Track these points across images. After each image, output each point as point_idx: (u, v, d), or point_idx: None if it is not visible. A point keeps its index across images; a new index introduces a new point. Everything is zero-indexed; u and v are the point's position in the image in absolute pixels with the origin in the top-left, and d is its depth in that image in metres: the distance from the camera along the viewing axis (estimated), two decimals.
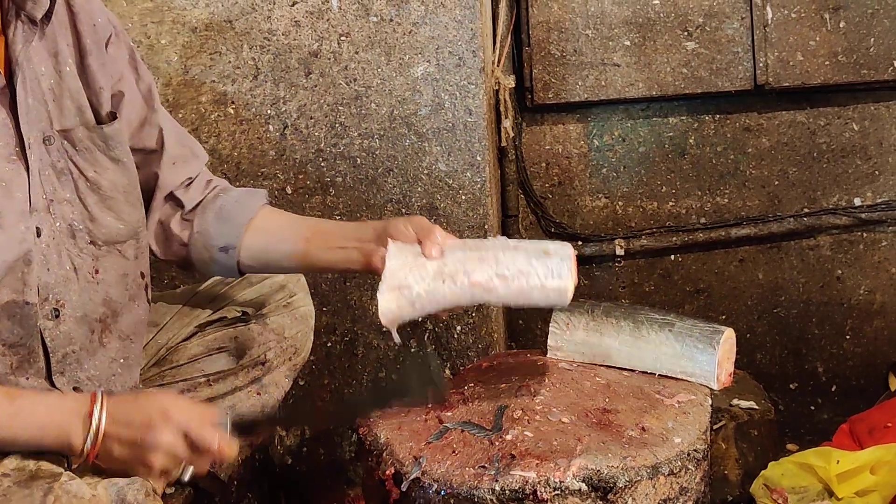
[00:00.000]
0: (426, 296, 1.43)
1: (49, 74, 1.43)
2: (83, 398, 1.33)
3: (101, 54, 1.51)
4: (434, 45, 2.30)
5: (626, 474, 1.35)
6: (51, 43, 1.44)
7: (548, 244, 1.51)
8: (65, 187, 1.44)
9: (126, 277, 1.53)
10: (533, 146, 2.74)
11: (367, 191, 2.36)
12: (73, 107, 1.46)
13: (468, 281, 1.44)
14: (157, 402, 1.34)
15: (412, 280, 1.43)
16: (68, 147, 1.44)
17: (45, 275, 1.40)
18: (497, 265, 1.45)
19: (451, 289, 1.44)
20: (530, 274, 1.46)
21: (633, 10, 2.59)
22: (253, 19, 2.30)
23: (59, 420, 1.30)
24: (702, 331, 1.65)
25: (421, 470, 1.37)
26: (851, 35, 2.56)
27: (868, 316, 2.75)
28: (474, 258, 1.46)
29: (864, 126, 2.68)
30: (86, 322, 1.47)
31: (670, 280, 2.77)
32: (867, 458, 2.05)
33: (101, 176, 1.48)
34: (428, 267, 1.45)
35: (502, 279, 1.45)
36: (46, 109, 1.42)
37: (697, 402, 1.57)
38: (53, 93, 1.44)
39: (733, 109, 2.70)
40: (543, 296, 1.46)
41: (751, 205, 2.72)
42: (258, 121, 2.34)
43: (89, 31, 1.50)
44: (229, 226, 1.63)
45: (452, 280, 1.44)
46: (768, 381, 2.69)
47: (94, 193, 1.47)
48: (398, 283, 1.43)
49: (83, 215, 1.46)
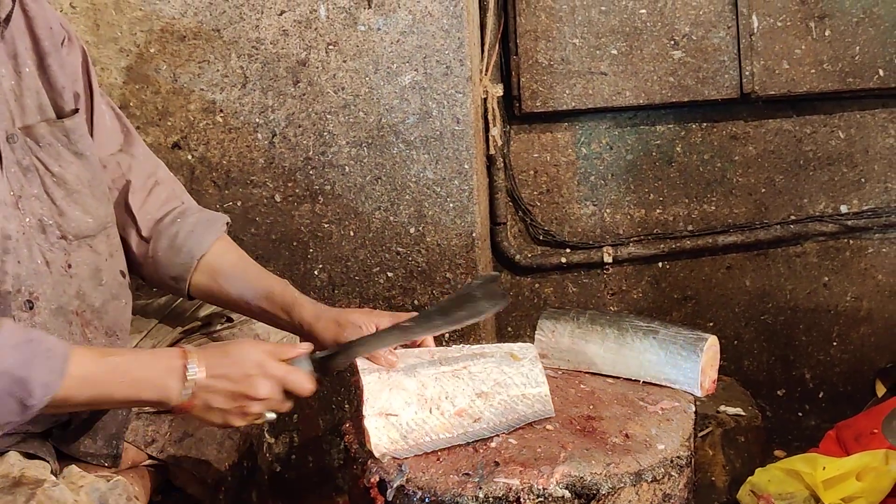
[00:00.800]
0: (417, 429, 1.44)
1: (9, 75, 1.45)
2: (174, 353, 1.36)
3: (58, 56, 1.54)
4: (421, 55, 2.32)
5: (609, 481, 1.36)
6: (10, 45, 1.47)
7: (511, 346, 1.58)
8: (31, 183, 1.45)
9: (100, 273, 1.53)
10: (521, 154, 2.75)
11: (356, 199, 2.37)
12: (34, 105, 1.48)
13: (453, 409, 1.47)
14: (251, 355, 1.38)
15: (396, 404, 1.44)
16: (31, 144, 1.46)
17: (16, 267, 1.40)
18: (472, 380, 1.50)
19: (440, 421, 1.46)
20: (508, 384, 1.52)
21: (620, 20, 2.60)
22: (241, 28, 2.31)
23: (154, 376, 1.33)
24: (685, 338, 1.65)
25: (405, 477, 1.37)
26: (837, 44, 2.58)
27: (855, 322, 2.77)
28: (448, 374, 1.50)
29: (850, 134, 2.69)
30: (62, 314, 1.47)
31: (658, 287, 2.78)
32: (853, 464, 2.06)
33: (66, 170, 1.50)
34: (406, 385, 1.46)
35: (483, 397, 1.49)
36: (8, 108, 1.44)
37: (681, 409, 1.57)
38: (14, 93, 1.46)
39: (720, 118, 2.71)
40: (528, 406, 1.51)
41: (738, 212, 2.74)
42: (247, 129, 2.35)
43: (46, 34, 1.52)
44: (181, 257, 1.65)
45: (438, 409, 1.46)
46: (756, 387, 2.71)
47: (61, 188, 1.48)
48: (382, 407, 1.43)
49: (52, 210, 1.47)
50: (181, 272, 1.66)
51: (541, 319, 1.78)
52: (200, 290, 1.68)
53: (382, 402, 1.43)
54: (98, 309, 1.53)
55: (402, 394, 1.45)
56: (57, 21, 1.57)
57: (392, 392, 1.44)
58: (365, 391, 1.43)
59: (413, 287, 2.40)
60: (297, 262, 2.40)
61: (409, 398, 1.45)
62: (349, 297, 2.40)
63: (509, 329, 2.82)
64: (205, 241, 1.67)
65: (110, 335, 1.55)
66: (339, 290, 2.40)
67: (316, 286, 2.39)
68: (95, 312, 1.52)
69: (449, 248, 2.38)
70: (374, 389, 1.44)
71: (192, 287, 1.67)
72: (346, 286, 2.40)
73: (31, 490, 1.25)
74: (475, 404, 1.48)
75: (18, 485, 1.27)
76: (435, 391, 1.47)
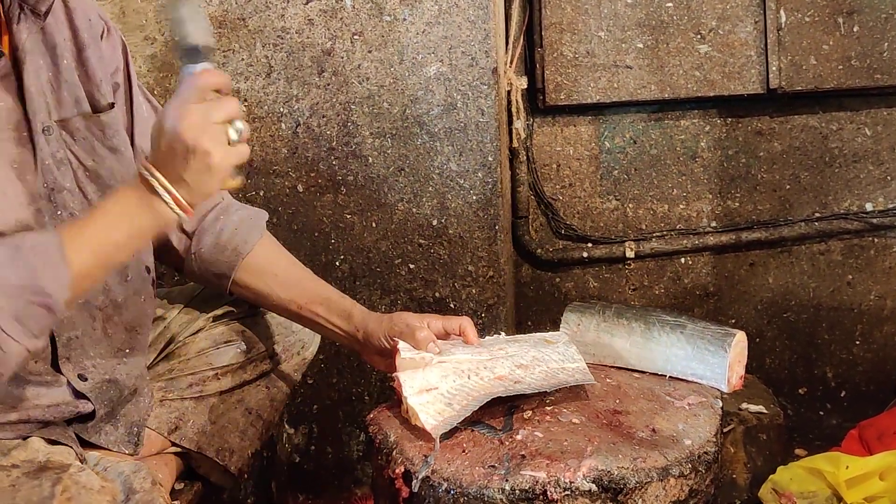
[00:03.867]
0: (459, 393, 1.45)
1: (47, 67, 1.46)
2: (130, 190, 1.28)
3: (97, 48, 1.54)
4: (447, 45, 2.30)
5: (636, 475, 1.35)
6: (49, 37, 1.47)
7: (543, 335, 1.61)
8: (65, 177, 1.45)
9: (126, 269, 1.54)
10: (544, 147, 2.73)
11: (379, 189, 2.36)
12: (71, 98, 1.48)
13: (492, 375, 1.49)
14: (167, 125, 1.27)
15: (433, 379, 1.46)
16: (66, 137, 1.46)
17: None
18: (510, 357, 1.53)
19: (478, 382, 1.47)
20: (547, 360, 1.54)
21: (647, 13, 2.58)
22: (266, 17, 2.31)
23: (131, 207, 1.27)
24: (713, 333, 1.64)
25: (430, 469, 1.37)
26: (865, 40, 2.56)
27: (878, 321, 2.74)
28: (484, 353, 1.52)
29: (877, 131, 2.67)
30: (86, 308, 1.48)
31: (680, 283, 2.77)
32: (876, 463, 2.04)
33: (100, 165, 1.50)
34: (444, 366, 1.49)
35: (523, 368, 1.51)
36: (45, 101, 1.44)
37: (708, 405, 1.56)
38: (51, 85, 1.46)
39: (745, 113, 2.69)
40: (569, 375, 1.52)
41: (762, 209, 2.72)
42: (270, 119, 2.34)
43: (85, 25, 1.52)
44: (226, 255, 1.67)
45: (477, 375, 1.48)
46: (777, 385, 2.69)
47: (93, 183, 1.48)
48: (420, 385, 1.45)
49: (83, 204, 1.47)
50: (225, 270, 1.68)
51: (566, 313, 1.77)
52: (244, 289, 1.70)
53: (419, 381, 1.45)
54: (119, 304, 1.53)
55: (438, 369, 1.48)
56: (96, 13, 1.57)
57: (427, 370, 1.47)
58: (400, 374, 1.46)
59: (435, 279, 2.39)
60: (318, 253, 2.39)
61: (444, 372, 1.47)
62: (370, 288, 2.40)
63: (529, 323, 2.81)
64: (250, 240, 1.69)
65: (129, 330, 1.56)
66: (360, 281, 2.40)
67: (337, 277, 2.39)
68: (117, 307, 1.53)
69: (471, 241, 2.37)
70: (409, 371, 1.46)
71: (235, 284, 1.69)
72: (368, 277, 2.40)
73: (58, 475, 1.25)
74: (516, 372, 1.50)
75: (44, 469, 1.27)
76: (472, 365, 1.50)
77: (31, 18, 1.44)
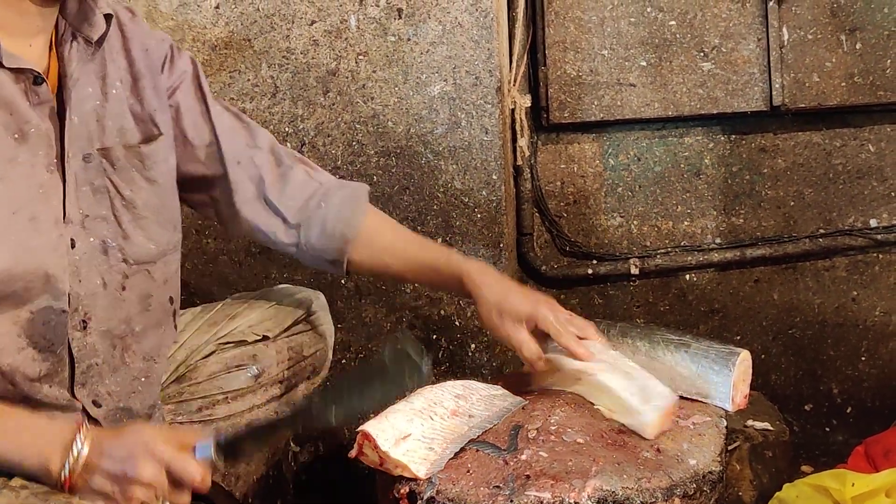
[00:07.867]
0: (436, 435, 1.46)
1: (95, 95, 1.47)
2: (68, 426, 1.30)
3: (153, 78, 1.55)
4: (451, 65, 2.32)
5: (640, 496, 1.35)
6: (99, 66, 1.49)
7: None
8: (101, 204, 1.46)
9: (149, 299, 1.54)
10: (548, 165, 2.74)
11: (384, 208, 2.35)
12: (115, 128, 1.49)
13: (447, 411, 1.51)
14: (141, 436, 1.29)
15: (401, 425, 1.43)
16: (107, 165, 1.47)
17: (76, 286, 1.42)
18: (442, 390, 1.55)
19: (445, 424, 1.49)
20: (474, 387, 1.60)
21: (650, 31, 2.60)
22: (272, 38, 2.32)
23: (41, 444, 1.28)
24: (718, 352, 1.64)
25: (435, 489, 1.37)
26: (868, 57, 2.56)
27: (884, 337, 2.74)
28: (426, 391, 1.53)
29: (881, 147, 2.67)
30: (108, 337, 1.49)
31: (685, 300, 2.77)
32: (883, 480, 2.04)
33: (136, 195, 1.51)
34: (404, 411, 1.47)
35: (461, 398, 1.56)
36: (87, 129, 1.45)
37: (713, 424, 1.56)
38: (97, 113, 1.47)
39: (749, 130, 2.70)
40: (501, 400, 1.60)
41: (766, 225, 2.72)
42: (276, 138, 2.35)
43: (141, 55, 1.54)
44: (335, 241, 1.69)
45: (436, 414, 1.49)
46: (783, 402, 2.68)
47: (129, 212, 1.50)
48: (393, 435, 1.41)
49: (117, 233, 1.48)
50: (337, 256, 1.70)
51: None
52: (360, 267, 1.74)
53: (390, 432, 1.41)
54: (138, 334, 1.54)
55: (398, 415, 1.44)
56: (155, 40, 1.58)
57: (388, 419, 1.43)
58: (370, 429, 1.40)
59: (440, 297, 2.39)
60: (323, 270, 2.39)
61: (407, 416, 1.45)
62: (376, 305, 2.40)
63: None
64: (355, 221, 1.70)
65: (147, 360, 1.56)
66: (365, 298, 2.41)
67: (343, 295, 2.39)
68: (135, 337, 1.53)
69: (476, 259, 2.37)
70: (372, 423, 1.41)
71: (351, 265, 1.72)
72: (373, 295, 2.40)
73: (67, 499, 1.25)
74: (459, 404, 1.52)
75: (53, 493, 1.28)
76: (420, 403, 1.48)
77: (83, 46, 1.45)
